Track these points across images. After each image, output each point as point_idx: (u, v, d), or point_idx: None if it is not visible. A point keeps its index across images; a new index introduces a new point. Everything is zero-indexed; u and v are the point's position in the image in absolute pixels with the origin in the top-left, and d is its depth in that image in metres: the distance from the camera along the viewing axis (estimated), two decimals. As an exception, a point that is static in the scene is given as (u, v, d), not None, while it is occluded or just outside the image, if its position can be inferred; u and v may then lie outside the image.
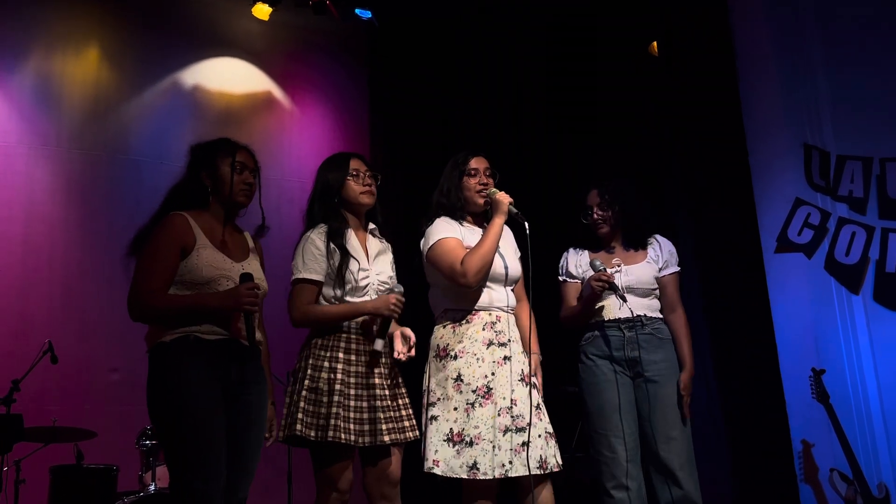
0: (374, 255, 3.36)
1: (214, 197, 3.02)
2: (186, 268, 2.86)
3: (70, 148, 5.84)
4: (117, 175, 5.85)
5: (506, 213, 3.43)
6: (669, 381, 3.70)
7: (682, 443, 3.63)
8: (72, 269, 5.61)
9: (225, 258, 2.94)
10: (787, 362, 5.01)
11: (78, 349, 5.38)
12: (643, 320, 3.72)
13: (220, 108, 6.32)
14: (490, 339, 3.37)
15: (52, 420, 4.77)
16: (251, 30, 6.54)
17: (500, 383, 3.31)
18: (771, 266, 5.15)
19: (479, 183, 3.52)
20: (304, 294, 3.24)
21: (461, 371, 3.33)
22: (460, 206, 3.55)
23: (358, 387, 3.17)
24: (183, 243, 2.87)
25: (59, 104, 5.90)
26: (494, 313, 3.42)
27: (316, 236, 3.30)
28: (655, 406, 3.64)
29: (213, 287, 2.87)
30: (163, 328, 2.83)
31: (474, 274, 3.33)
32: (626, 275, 3.74)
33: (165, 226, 2.90)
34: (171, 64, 6.27)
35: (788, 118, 5.18)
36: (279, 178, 6.26)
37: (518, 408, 3.28)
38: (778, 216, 5.12)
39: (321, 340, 3.23)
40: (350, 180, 3.36)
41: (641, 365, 3.69)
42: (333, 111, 6.71)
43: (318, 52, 6.73)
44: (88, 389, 5.45)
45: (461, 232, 3.48)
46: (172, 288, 2.85)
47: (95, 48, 6.08)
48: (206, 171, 3.02)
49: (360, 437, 3.11)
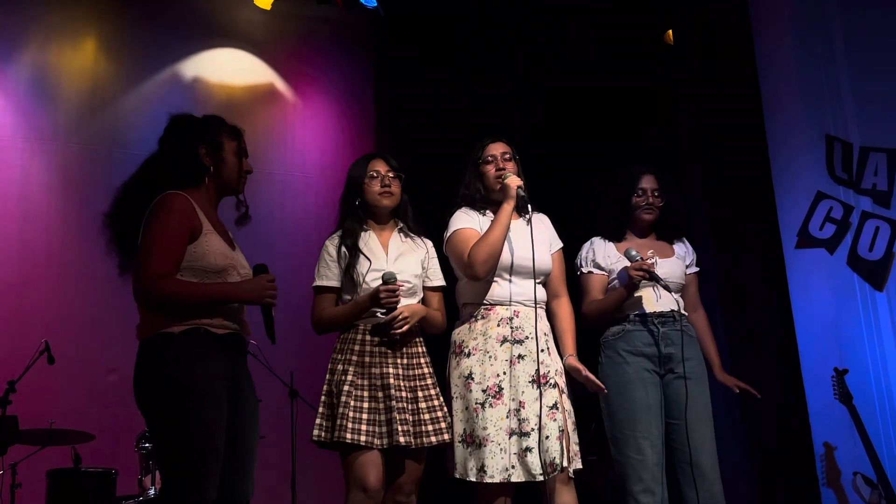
0: (396, 256, 3.39)
1: (212, 179, 2.89)
2: (196, 254, 2.74)
3: (67, 142, 5.85)
4: (115, 170, 5.77)
5: (514, 198, 3.40)
6: (701, 380, 3.69)
7: (712, 444, 3.62)
8: (69, 267, 5.62)
9: (226, 246, 2.86)
10: (808, 362, 4.98)
11: (76, 349, 5.38)
12: (675, 315, 3.70)
13: (220, 101, 6.31)
14: (505, 336, 3.35)
15: (48, 422, 4.77)
16: (253, 19, 6.53)
17: (511, 383, 3.29)
18: (791, 262, 5.12)
19: (496, 169, 3.51)
20: (320, 301, 3.37)
21: (472, 369, 3.32)
22: (480, 195, 3.55)
23: (373, 388, 3.21)
24: (190, 226, 2.75)
25: (55, 97, 5.90)
26: (513, 308, 3.39)
27: (329, 242, 3.42)
28: (690, 405, 3.59)
29: (224, 277, 2.78)
30: (168, 318, 2.70)
31: (481, 264, 3.32)
32: (660, 267, 3.69)
33: (171, 205, 2.75)
34: (170, 55, 6.26)
35: (809, 108, 5.15)
36: (282, 172, 6.26)
37: (525, 411, 3.25)
38: (799, 210, 5.09)
39: (338, 344, 3.34)
40: (368, 182, 3.44)
41: (673, 361, 3.65)
42: (338, 104, 6.70)
43: (322, 42, 6.72)
44: (86, 391, 5.45)
45: (480, 223, 3.47)
46: (178, 274, 2.73)
47: (93, 39, 6.09)
48: (207, 148, 2.87)
49: (376, 438, 3.15)
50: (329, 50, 6.72)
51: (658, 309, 3.68)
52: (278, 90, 6.61)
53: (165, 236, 2.72)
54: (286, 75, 6.63)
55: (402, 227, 3.50)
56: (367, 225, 3.45)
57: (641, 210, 3.83)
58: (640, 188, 3.83)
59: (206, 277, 2.76)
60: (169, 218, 2.73)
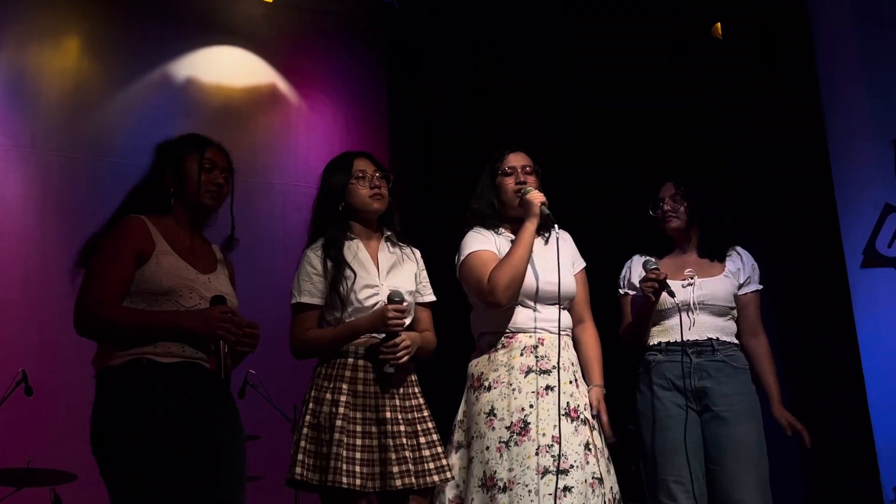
0: (388, 269, 3.33)
1: (178, 199, 2.99)
2: (143, 276, 2.81)
3: (46, 150, 5.89)
4: (100, 180, 5.87)
5: (538, 216, 3.39)
6: (745, 419, 3.63)
7: (757, 493, 3.56)
8: (49, 289, 5.62)
9: (189, 267, 2.89)
10: (875, 393, 4.93)
11: (56, 379, 5.39)
12: (714, 344, 3.67)
13: (217, 104, 6.35)
14: (529, 367, 3.33)
15: (26, 460, 4.78)
16: (253, 14, 6.58)
17: (539, 417, 3.26)
18: (857, 283, 5.08)
19: (515, 182, 3.49)
20: (301, 321, 3.25)
21: (494, 404, 3.30)
22: (495, 212, 3.53)
23: (366, 422, 3.13)
24: (139, 249, 2.83)
25: (34, 101, 5.95)
26: (537, 335, 3.38)
27: (312, 253, 3.30)
28: (727, 448, 3.56)
29: (174, 299, 2.81)
30: (111, 349, 2.77)
31: (503, 290, 3.30)
32: (698, 288, 3.68)
33: (120, 229, 2.87)
34: (161, 54, 6.31)
35: (875, 109, 5.13)
36: (284, 182, 6.27)
37: (561, 447, 3.22)
38: (865, 225, 5.06)
39: (324, 369, 3.22)
40: (355, 183, 3.35)
41: (709, 397, 3.62)
42: (347, 107, 6.72)
43: (329, 39, 6.76)
44: (67, 426, 5.42)
45: (496, 243, 3.46)
46: (126, 300, 2.80)
47: (76, 37, 6.14)
48: (172, 170, 2.99)
49: (368, 480, 3.07)
50: (337, 47, 6.75)
51: (691, 337, 3.65)
52: (281, 92, 6.64)
53: (107, 262, 2.82)
54: (289, 75, 6.67)
55: (390, 236, 3.42)
56: (353, 233, 3.36)
57: (664, 220, 3.84)
58: (659, 198, 3.85)
59: (155, 301, 2.81)
60: (114, 242, 2.84)
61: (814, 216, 5.35)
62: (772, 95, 5.59)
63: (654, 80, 6.07)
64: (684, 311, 3.66)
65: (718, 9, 6.00)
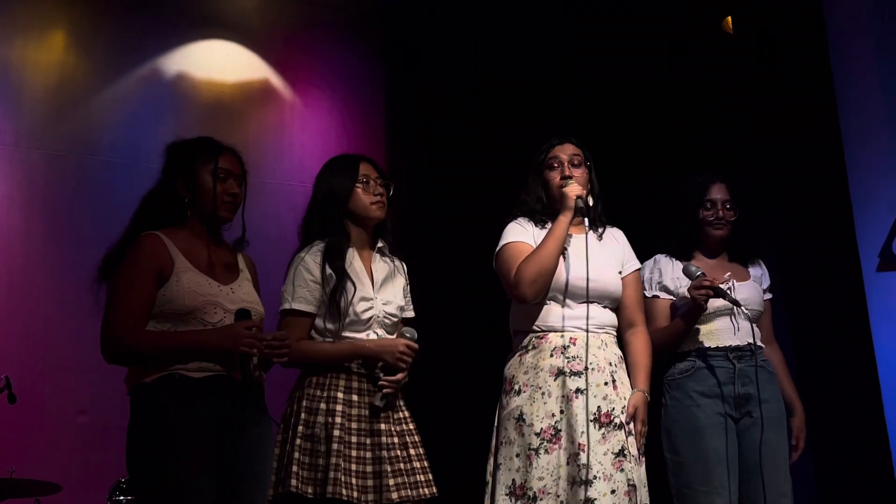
0: (381, 281, 3.34)
1: (193, 211, 3.02)
2: (165, 297, 2.88)
3: (30, 148, 5.84)
4: (87, 179, 5.86)
5: (572, 210, 3.36)
6: (779, 425, 3.65)
7: (791, 498, 3.58)
8: (33, 292, 5.61)
9: (211, 281, 2.95)
10: (891, 398, 4.92)
11: (40, 387, 5.37)
12: (752, 349, 3.62)
13: (208, 100, 6.33)
14: (559, 368, 3.30)
15: (9, 471, 4.74)
16: (246, 6, 6.57)
17: (568, 423, 3.23)
18: (872, 287, 5.07)
19: (560, 177, 3.46)
20: (293, 328, 3.23)
21: (523, 409, 3.28)
22: (543, 206, 3.50)
23: (361, 434, 3.14)
24: (158, 268, 2.89)
25: (17, 97, 5.90)
26: (568, 335, 3.34)
27: (310, 258, 3.28)
28: (765, 454, 3.54)
29: (199, 317, 2.87)
30: (142, 367, 2.84)
31: (529, 284, 3.28)
32: (738, 293, 3.65)
33: (137, 249, 2.92)
34: (150, 48, 6.27)
35: (892, 107, 5.11)
36: (278, 181, 6.26)
37: (585, 455, 3.18)
38: (881, 227, 5.05)
39: (317, 379, 3.21)
40: (359, 189, 3.34)
41: (751, 403, 3.60)
42: (343, 103, 6.71)
43: (325, 33, 6.74)
44: (52, 435, 5.44)
45: (536, 236, 3.43)
46: (151, 322, 2.86)
47: (62, 30, 6.11)
48: (183, 179, 3.02)
49: (363, 493, 3.08)
50: (333, 41, 6.73)
51: (735, 342, 3.62)
52: (274, 87, 6.62)
53: (128, 285, 2.88)
54: (283, 70, 6.64)
55: (382, 247, 3.43)
56: (351, 242, 3.36)
57: (711, 226, 3.78)
58: (709, 199, 3.78)
59: (180, 321, 2.88)
60: (134, 264, 2.90)
61: (828, 218, 5.36)
62: (784, 94, 5.59)
63: (657, 80, 6.08)
64: (730, 315, 3.64)
65: (728, 7, 6.00)
